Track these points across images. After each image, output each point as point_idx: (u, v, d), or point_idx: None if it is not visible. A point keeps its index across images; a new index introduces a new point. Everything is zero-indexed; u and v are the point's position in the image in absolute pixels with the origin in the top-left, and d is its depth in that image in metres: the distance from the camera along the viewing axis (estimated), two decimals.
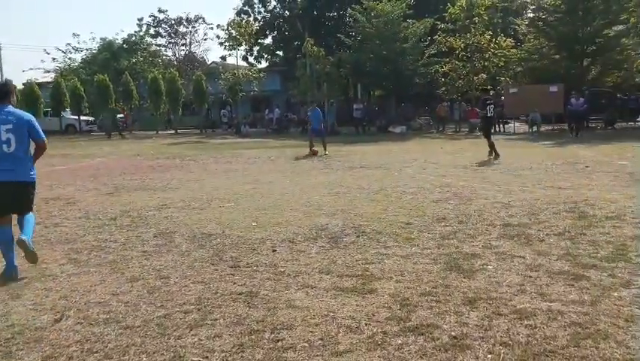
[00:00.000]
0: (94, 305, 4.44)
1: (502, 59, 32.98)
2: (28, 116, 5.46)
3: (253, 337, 3.76)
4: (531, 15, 37.27)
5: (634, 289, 4.44)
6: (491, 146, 15.50)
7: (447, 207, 8.13)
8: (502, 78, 34.33)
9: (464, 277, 4.87)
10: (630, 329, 3.69)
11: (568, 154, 15.86)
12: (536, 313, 4.01)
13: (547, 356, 3.36)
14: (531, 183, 10.32)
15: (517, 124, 30.70)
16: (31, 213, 5.54)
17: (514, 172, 12.03)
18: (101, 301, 4.55)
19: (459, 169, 12.99)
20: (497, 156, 15.04)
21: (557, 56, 32.43)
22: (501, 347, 3.49)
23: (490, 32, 32.95)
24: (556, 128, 27.77)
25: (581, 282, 4.64)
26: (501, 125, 29.79)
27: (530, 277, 4.83)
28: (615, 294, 4.34)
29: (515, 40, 35.59)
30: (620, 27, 31.11)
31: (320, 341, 3.66)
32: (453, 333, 3.71)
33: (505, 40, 33.44)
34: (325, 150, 18.16)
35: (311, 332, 3.81)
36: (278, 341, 3.69)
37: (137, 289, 4.80)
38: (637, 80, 32.43)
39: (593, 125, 29.68)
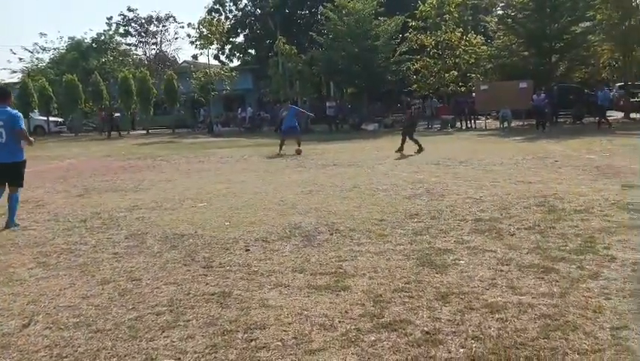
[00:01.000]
0: (63, 309, 4.36)
1: (473, 55, 33.36)
2: (15, 112, 7.55)
3: (226, 337, 3.73)
4: (500, 12, 37.73)
5: (601, 280, 4.53)
6: (416, 142, 16.57)
7: (419, 204, 8.19)
8: (473, 75, 34.69)
9: (437, 273, 4.91)
10: (598, 319, 3.76)
11: (537, 149, 16.09)
12: (507, 306, 4.06)
13: (518, 348, 3.40)
14: (502, 178, 10.45)
15: (488, 120, 31.04)
16: (17, 195, 7.60)
17: (486, 168, 12.17)
18: (70, 304, 4.47)
19: (431, 165, 13.08)
20: (421, 149, 16.31)
21: (526, 53, 32.90)
22: (473, 341, 3.52)
23: (460, 29, 33.29)
24: (526, 123, 28.14)
25: (551, 275, 4.71)
26: (472, 122, 30.11)
27: (501, 270, 4.89)
28: (584, 286, 4.42)
29: (485, 38, 36.04)
30: (587, 24, 31.68)
31: (293, 340, 3.65)
32: (426, 328, 3.74)
33: (475, 38, 33.85)
34: (299, 146, 18.07)
35: (284, 330, 3.80)
36: (251, 340, 3.67)
37: (107, 292, 4.74)
38: (603, 75, 33.05)
39: (562, 120, 30.17)
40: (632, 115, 29.96)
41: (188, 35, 67.81)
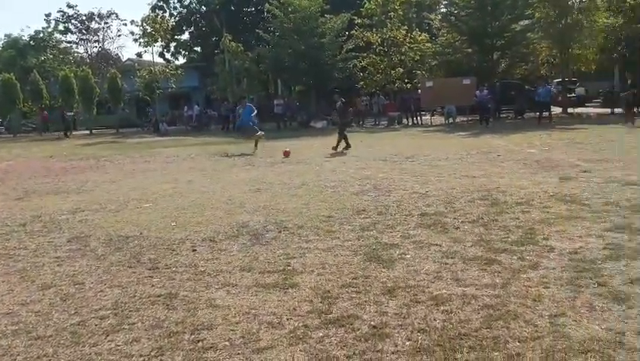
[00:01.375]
0: (1, 317, 4.21)
1: (418, 53, 33.90)
2: None
3: (172, 339, 3.68)
4: (444, 10, 38.47)
5: (541, 270, 4.68)
6: (345, 139, 16.93)
7: (367, 199, 8.27)
8: (419, 72, 35.26)
9: (383, 267, 4.97)
10: (537, 308, 3.89)
11: (481, 144, 16.49)
12: (452, 298, 4.15)
13: (462, 338, 3.48)
14: (447, 173, 10.65)
15: (433, 116, 31.59)
16: None
17: (431, 163, 12.38)
18: (8, 311, 4.32)
19: (378, 162, 13.22)
20: (348, 146, 16.75)
21: (469, 50, 33.64)
22: (419, 334, 3.59)
23: (405, 27, 33.77)
24: (470, 119, 28.78)
25: (493, 266, 4.84)
26: (418, 118, 30.59)
27: (446, 263, 5.00)
28: (524, 276, 4.56)
29: (430, 35, 36.66)
30: (526, 22, 32.62)
31: (241, 339, 3.63)
32: (373, 323, 3.78)
33: (420, 35, 34.40)
34: (256, 147, 17.90)
35: (232, 330, 3.78)
36: (198, 341, 3.64)
37: (48, 297, 4.60)
38: (542, 72, 34.13)
39: (504, 115, 30.98)
40: (570, 110, 31.07)
41: (132, 33, 66.36)
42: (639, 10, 29.54)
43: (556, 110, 31.44)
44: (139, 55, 52.92)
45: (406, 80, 33.70)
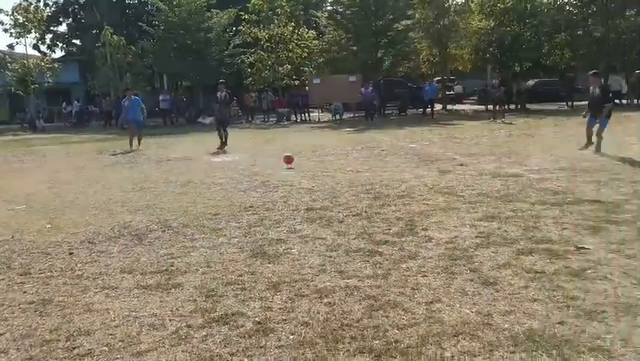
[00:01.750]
0: None
1: (305, 50, 34.25)
2: None
3: (45, 348, 3.48)
4: (330, 8, 39.06)
5: (419, 260, 4.90)
6: (221, 137, 16.08)
7: (255, 196, 8.26)
8: (306, 69, 35.62)
9: (269, 263, 4.99)
10: (415, 296, 4.07)
11: (367, 139, 16.95)
12: (335, 290, 4.25)
13: (344, 329, 3.57)
14: (333, 168, 10.87)
15: (321, 113, 32.07)
16: None
17: (319, 159, 12.57)
18: None
19: (267, 158, 13.22)
20: (223, 145, 15.84)
21: (355, 48, 34.43)
22: (302, 327, 3.63)
23: (292, 24, 33.98)
24: (356, 115, 29.50)
25: (375, 257, 5.00)
26: (306, 114, 30.94)
27: (330, 257, 5.09)
28: (404, 266, 4.75)
29: (317, 32, 37.12)
30: (408, 22, 33.92)
31: (121, 343, 3.50)
32: (257, 319, 3.78)
33: (307, 32, 34.76)
34: (139, 143, 17.24)
35: (111, 334, 3.63)
36: (74, 348, 3.46)
37: None
38: (423, 70, 35.67)
39: (389, 111, 32.07)
40: (449, 106, 32.77)
41: (2, 23, 61.63)
42: (509, 13, 31.63)
43: (437, 106, 33.04)
44: (10, 46, 49.21)
45: (294, 77, 33.95)
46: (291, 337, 3.51)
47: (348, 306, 3.94)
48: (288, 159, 11.29)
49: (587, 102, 12.63)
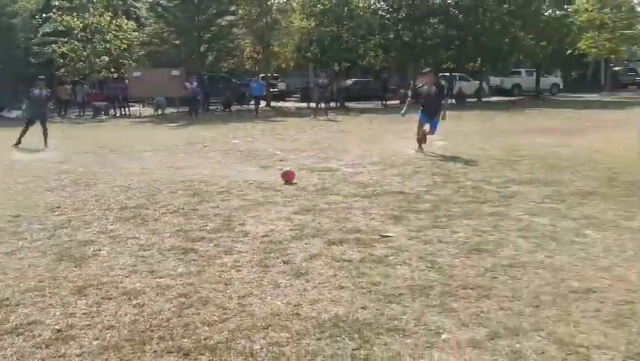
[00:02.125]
0: None
1: (125, 41, 32.61)
2: None
3: None
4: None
5: (235, 255, 4.91)
6: (23, 133, 14.27)
7: (63, 195, 7.70)
8: (126, 61, 33.96)
9: (75, 266, 4.68)
10: (228, 291, 4.08)
11: (189, 135, 16.62)
12: (145, 291, 4.10)
13: (152, 330, 3.46)
14: (153, 164, 10.49)
15: (143, 107, 30.82)
16: None
17: (138, 155, 12.07)
18: None
19: (80, 155, 12.39)
20: (18, 142, 14.01)
21: (178, 42, 33.57)
22: (107, 331, 3.46)
23: (110, 13, 32.15)
24: (180, 111, 28.81)
25: (190, 255, 4.92)
26: (126, 109, 29.57)
27: (143, 256, 4.91)
28: (219, 262, 4.73)
29: (137, 24, 35.55)
30: (231, 17, 33.86)
31: None
32: (57, 326, 3.53)
33: (126, 23, 33.11)
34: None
35: None
36: None
37: None
38: (247, 66, 35.91)
39: (213, 107, 31.77)
40: (273, 104, 33.33)
41: None
42: (328, 15, 32.98)
43: (261, 103, 33.43)
44: None
45: (113, 69, 32.20)
46: (95, 342, 3.32)
47: (158, 306, 3.83)
48: (288, 176, 8.39)
49: (409, 100, 12.21)
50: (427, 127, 11.31)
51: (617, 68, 45.63)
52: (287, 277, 4.34)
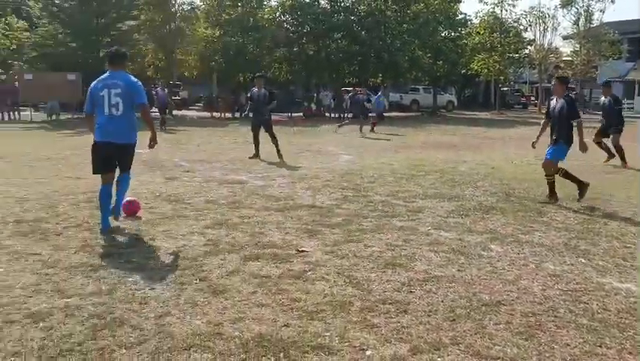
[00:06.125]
0: None
1: (15, 41, 30.72)
2: (135, 81, 6.15)
3: None
4: None
5: (147, 271, 4.72)
6: None
7: None
8: (16, 62, 31.98)
9: None
10: (144, 310, 3.90)
11: (88, 142, 15.77)
12: (53, 312, 3.84)
13: (64, 356, 3.25)
14: (50, 174, 9.93)
15: (34, 112, 29.08)
16: (127, 175, 6.29)
17: (31, 163, 11.36)
18: None
19: None
20: None
21: (74, 44, 32.08)
22: (12, 358, 3.20)
23: None
24: (75, 116, 27.46)
25: (99, 272, 4.68)
26: (16, 113, 27.78)
27: (47, 274, 4.61)
28: (131, 279, 4.53)
29: (29, 23, 33.60)
30: (132, 22, 32.84)
31: None
32: None
33: (17, 22, 31.21)
34: None
35: None
36: None
37: None
38: (149, 73, 34.92)
39: None
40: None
41: None
42: (233, 25, 32.80)
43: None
44: None
45: (1, 71, 30.20)
46: None
47: (69, 328, 3.60)
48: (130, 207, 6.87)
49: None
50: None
51: (504, 89, 48.77)
52: (205, 294, 4.23)
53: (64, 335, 3.51)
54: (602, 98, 12.67)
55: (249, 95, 12.83)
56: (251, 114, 12.68)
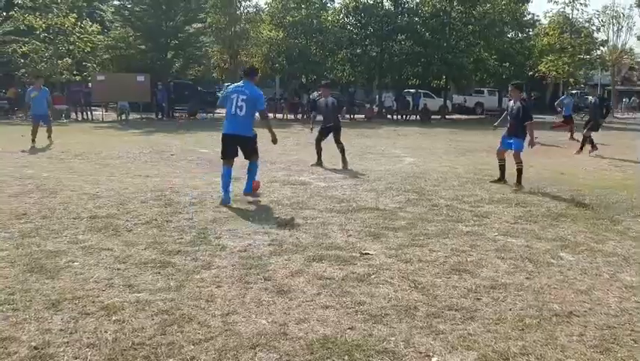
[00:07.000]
0: None
1: (89, 44, 31.97)
2: (260, 92, 7.85)
3: None
4: (117, 3, 37.13)
5: (214, 270, 4.81)
6: None
7: (28, 202, 7.43)
8: (90, 64, 33.31)
9: (47, 278, 4.50)
10: (210, 308, 3.97)
11: (155, 142, 16.37)
12: (124, 306, 3.96)
13: (136, 349, 3.34)
14: (119, 172, 10.27)
15: (106, 112, 30.25)
16: (254, 163, 8.08)
17: (103, 161, 11.80)
18: None
19: (43, 159, 12.07)
20: None
21: (144, 47, 33.16)
22: (88, 349, 3.32)
23: (75, 15, 31.51)
24: (144, 117, 28.38)
25: (167, 269, 4.79)
26: (88, 113, 28.96)
27: (118, 269, 4.76)
28: (197, 277, 4.62)
29: (102, 27, 34.94)
30: (199, 25, 33.65)
31: None
32: (34, 343, 3.37)
33: (91, 26, 32.50)
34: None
35: None
36: None
37: None
38: (214, 74, 35.68)
39: (178, 114, 31.39)
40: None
41: None
42: (297, 27, 33.08)
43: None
44: None
45: (75, 72, 31.51)
46: None
47: (140, 323, 3.70)
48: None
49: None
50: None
51: (574, 92, 47.09)
52: (269, 294, 4.27)
53: (135, 328, 3.61)
54: (590, 98, 16.20)
55: (312, 100, 12.65)
56: (317, 124, 12.27)
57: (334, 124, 11.55)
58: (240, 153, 7.92)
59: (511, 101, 9.73)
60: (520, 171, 9.38)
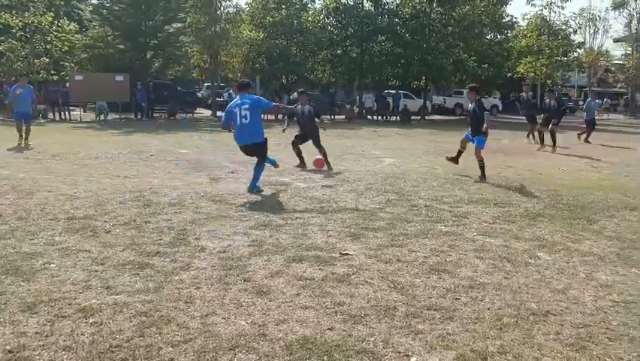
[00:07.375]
0: None
1: (67, 43, 31.57)
2: (258, 97, 9.09)
3: None
4: (95, 2, 36.75)
5: (192, 271, 4.78)
6: None
7: (4, 203, 7.33)
8: (67, 64, 32.89)
9: (23, 280, 4.44)
10: (189, 310, 3.95)
11: (134, 143, 16.22)
12: (102, 308, 3.93)
13: (113, 351, 3.31)
14: (98, 172, 10.17)
15: (84, 112, 29.91)
16: (262, 163, 8.52)
17: (81, 162, 11.66)
18: None
19: (19, 159, 11.90)
20: None
21: (123, 46, 32.87)
22: (64, 352, 3.29)
23: (52, 14, 31.11)
24: (123, 117, 28.12)
25: (146, 270, 4.76)
26: (66, 113, 28.60)
27: (96, 271, 4.72)
28: (176, 278, 4.59)
29: (80, 26, 34.53)
30: (179, 25, 33.44)
31: None
32: (8, 346, 3.33)
33: (69, 25, 32.11)
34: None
35: None
36: None
37: None
38: (193, 75, 35.47)
39: (157, 115, 31.16)
40: (219, 113, 32.98)
41: None
42: (278, 27, 33.03)
43: (207, 112, 33.09)
44: None
45: (53, 72, 31.09)
46: None
47: (117, 325, 3.67)
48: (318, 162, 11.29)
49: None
50: None
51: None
52: (249, 295, 4.26)
53: (113, 331, 3.58)
54: (547, 100, 17.18)
55: (292, 107, 12.58)
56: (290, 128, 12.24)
57: (311, 132, 11.61)
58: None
59: (471, 104, 10.85)
60: (482, 168, 10.33)
